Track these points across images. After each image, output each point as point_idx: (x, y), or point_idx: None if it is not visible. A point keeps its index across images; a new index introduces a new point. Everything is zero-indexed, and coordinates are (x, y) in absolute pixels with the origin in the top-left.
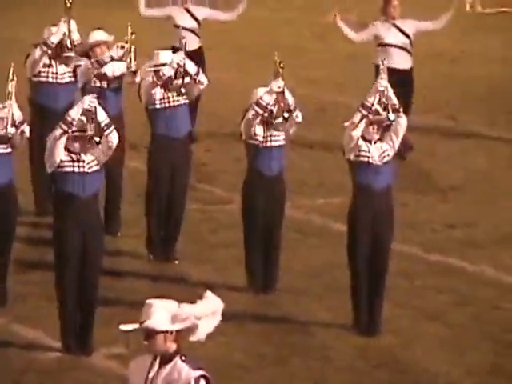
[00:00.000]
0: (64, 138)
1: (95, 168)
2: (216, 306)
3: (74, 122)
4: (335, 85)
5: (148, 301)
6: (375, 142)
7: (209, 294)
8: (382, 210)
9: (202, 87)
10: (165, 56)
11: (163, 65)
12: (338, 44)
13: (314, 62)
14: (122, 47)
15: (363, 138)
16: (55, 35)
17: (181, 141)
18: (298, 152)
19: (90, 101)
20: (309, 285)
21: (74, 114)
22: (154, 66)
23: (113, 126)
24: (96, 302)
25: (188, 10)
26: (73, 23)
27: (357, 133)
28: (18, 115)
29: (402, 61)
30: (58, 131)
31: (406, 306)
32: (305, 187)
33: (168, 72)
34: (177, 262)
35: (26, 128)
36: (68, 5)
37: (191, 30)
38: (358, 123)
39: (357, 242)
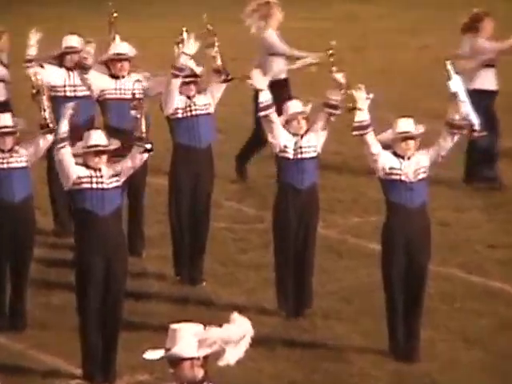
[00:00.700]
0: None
1: (115, 184)
2: (245, 329)
3: (64, 136)
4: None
5: (173, 325)
6: (409, 158)
7: (237, 316)
8: (418, 229)
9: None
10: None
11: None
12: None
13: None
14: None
15: (395, 153)
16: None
17: (203, 151)
18: (331, 167)
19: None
20: (343, 308)
21: (62, 127)
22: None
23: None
24: (120, 326)
25: None
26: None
27: (376, 150)
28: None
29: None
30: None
31: (444, 330)
32: (338, 205)
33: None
34: (204, 283)
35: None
36: (112, 19)
37: None
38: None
39: (391, 263)
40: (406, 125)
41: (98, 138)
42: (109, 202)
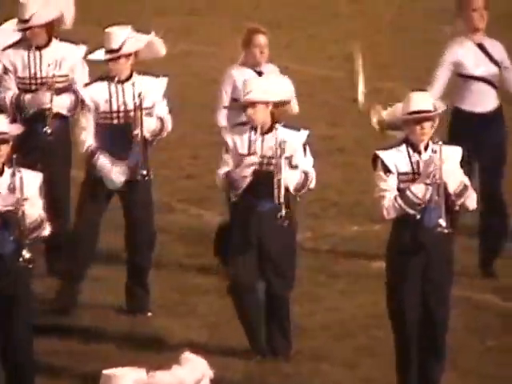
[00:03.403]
0: None
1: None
2: (200, 373)
3: None
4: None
5: (105, 372)
6: (426, 149)
7: (189, 356)
8: (436, 252)
9: None
10: None
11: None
12: None
13: None
14: None
15: (406, 142)
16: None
17: None
18: (322, 156)
19: None
20: (336, 347)
21: None
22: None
23: None
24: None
25: None
26: None
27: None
28: None
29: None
30: None
31: (474, 375)
32: (332, 209)
33: None
34: (150, 314)
35: None
36: None
37: None
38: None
39: (401, 291)
40: (421, 100)
41: None
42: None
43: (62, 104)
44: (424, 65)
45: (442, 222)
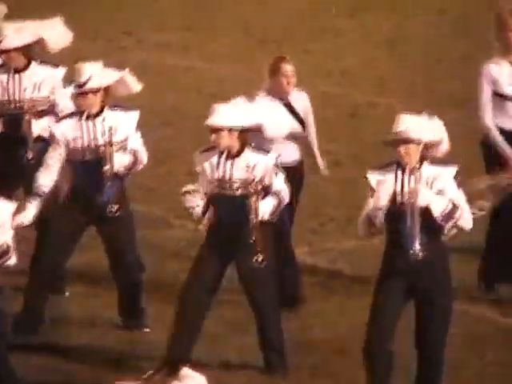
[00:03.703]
0: None
1: None
2: None
3: None
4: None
5: None
6: (412, 171)
7: (188, 372)
8: (425, 273)
9: None
10: None
11: None
12: None
13: None
14: None
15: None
16: None
17: None
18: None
19: None
20: (335, 362)
21: None
22: None
23: None
24: None
25: None
26: None
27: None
28: None
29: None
30: None
31: None
32: (329, 224)
33: None
34: (147, 329)
35: None
36: None
37: None
38: None
39: (379, 315)
40: (403, 122)
41: None
42: None
43: (43, 126)
44: (421, 80)
45: (416, 246)
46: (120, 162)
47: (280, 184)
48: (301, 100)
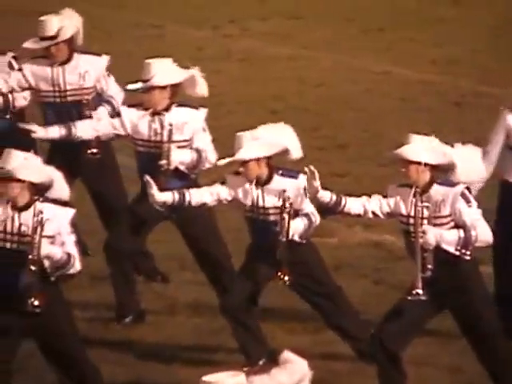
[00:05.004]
0: None
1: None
2: (299, 374)
3: None
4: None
5: (205, 378)
6: (422, 192)
7: (290, 356)
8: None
9: None
10: None
11: None
12: None
13: None
14: None
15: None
16: None
17: None
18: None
19: None
20: (342, 376)
21: None
22: None
23: None
24: None
25: None
26: None
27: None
28: None
29: None
30: None
31: None
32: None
33: None
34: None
35: None
36: None
37: None
38: None
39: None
40: (406, 144)
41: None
42: None
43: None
44: None
45: (417, 285)
46: (179, 158)
47: (310, 206)
48: None
